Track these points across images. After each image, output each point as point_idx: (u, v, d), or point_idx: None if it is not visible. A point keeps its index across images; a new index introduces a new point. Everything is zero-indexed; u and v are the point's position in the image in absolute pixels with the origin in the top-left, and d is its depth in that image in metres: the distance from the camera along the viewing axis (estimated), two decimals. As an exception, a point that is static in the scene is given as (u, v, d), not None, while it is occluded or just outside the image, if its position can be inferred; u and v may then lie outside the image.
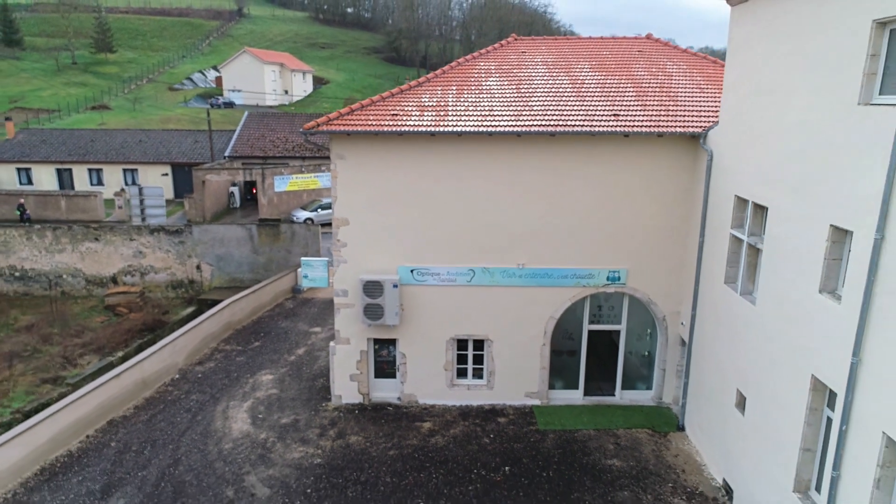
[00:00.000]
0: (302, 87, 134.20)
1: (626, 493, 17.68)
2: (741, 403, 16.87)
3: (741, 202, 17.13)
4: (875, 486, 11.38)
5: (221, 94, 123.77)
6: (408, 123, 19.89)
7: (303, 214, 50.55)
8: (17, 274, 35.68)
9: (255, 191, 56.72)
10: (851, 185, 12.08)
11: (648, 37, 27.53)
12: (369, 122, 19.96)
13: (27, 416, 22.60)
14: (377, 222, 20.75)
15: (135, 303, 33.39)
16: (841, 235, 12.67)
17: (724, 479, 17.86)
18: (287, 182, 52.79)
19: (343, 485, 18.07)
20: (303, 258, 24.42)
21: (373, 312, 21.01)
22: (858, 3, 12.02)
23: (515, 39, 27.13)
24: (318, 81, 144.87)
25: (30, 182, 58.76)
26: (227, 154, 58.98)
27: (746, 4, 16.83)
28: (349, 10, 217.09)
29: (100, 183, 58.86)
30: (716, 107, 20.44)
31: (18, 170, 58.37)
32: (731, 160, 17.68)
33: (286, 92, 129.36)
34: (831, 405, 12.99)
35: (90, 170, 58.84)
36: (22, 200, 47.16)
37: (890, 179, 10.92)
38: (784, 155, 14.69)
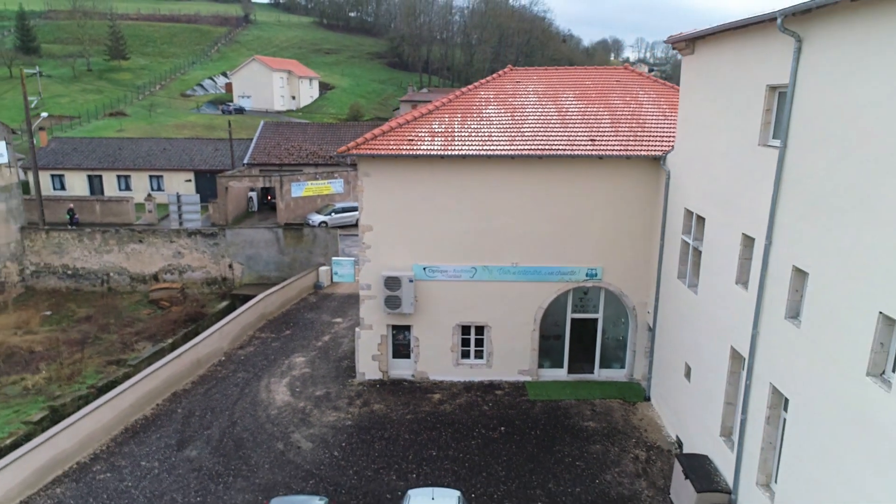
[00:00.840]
0: (309, 92, 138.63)
1: (598, 447, 22.02)
2: (688, 373, 21.20)
3: (689, 213, 21.45)
4: (766, 422, 15.71)
5: (231, 100, 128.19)
6: (421, 148, 24.23)
7: (317, 218, 54.79)
8: (69, 272, 40.06)
9: (269, 197, 60.95)
10: (754, 204, 16.40)
11: (626, 67, 31.88)
12: (390, 147, 24.30)
13: (100, 390, 26.94)
14: (396, 228, 25.08)
15: (176, 297, 37.76)
16: (749, 241, 16.98)
17: (676, 436, 22.20)
18: (303, 188, 57.05)
19: (370, 440, 22.42)
20: (333, 258, 28.80)
21: (392, 303, 25.36)
22: (758, 72, 16.36)
23: (511, 70, 31.46)
24: (324, 87, 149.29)
25: (63, 188, 63.08)
26: (245, 161, 63.31)
27: (692, 56, 21.16)
28: (352, 14, 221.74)
29: (127, 188, 63.21)
30: (675, 133, 24.76)
31: (52, 176, 62.68)
32: (683, 179, 22.02)
33: (293, 98, 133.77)
34: (743, 368, 17.29)
35: (119, 176, 63.21)
36: (71, 206, 51.47)
37: (774, 200, 15.23)
38: (715, 177, 19.04)
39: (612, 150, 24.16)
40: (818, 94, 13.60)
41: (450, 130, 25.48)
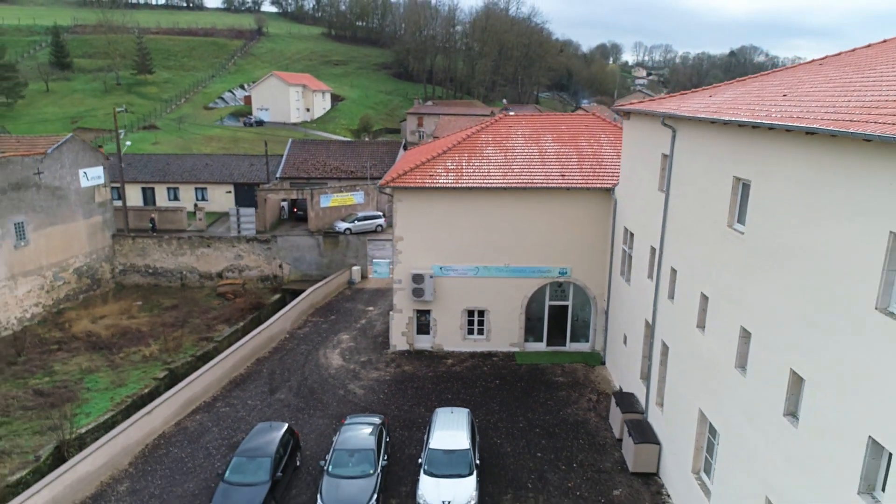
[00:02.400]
0: (321, 104, 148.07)
1: (563, 393, 31.34)
2: (625, 340, 30.51)
3: (626, 230, 30.76)
4: (660, 364, 25.03)
5: (251, 113, 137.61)
6: (438, 181, 33.56)
7: (343, 225, 64.00)
8: (150, 271, 49.43)
9: (295, 209, 69.75)
10: (655, 227, 25.69)
11: (594, 114, 41.21)
12: (416, 181, 33.60)
13: (199, 358, 36.27)
14: (420, 238, 34.37)
15: (239, 291, 47.12)
16: (653, 251, 26.28)
17: (619, 385, 31.50)
18: (330, 199, 66.32)
19: (404, 388, 31.74)
20: (374, 259, 38.25)
21: (417, 293, 34.66)
22: (656, 143, 25.66)
23: (505, 116, 40.81)
24: (336, 98, 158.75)
25: (120, 199, 72.33)
26: (278, 176, 72.63)
27: (628, 121, 30.46)
28: (359, 23, 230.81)
29: (176, 199, 72.48)
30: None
31: (112, 189, 71.88)
32: (623, 206, 31.33)
33: (308, 110, 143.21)
34: (651, 332, 26.54)
35: (168, 188, 72.49)
36: (153, 216, 60.76)
37: (663, 226, 24.52)
38: (638, 207, 28.36)
39: (577, 183, 33.50)
40: (683, 164, 22.91)
41: (459, 167, 34.81)
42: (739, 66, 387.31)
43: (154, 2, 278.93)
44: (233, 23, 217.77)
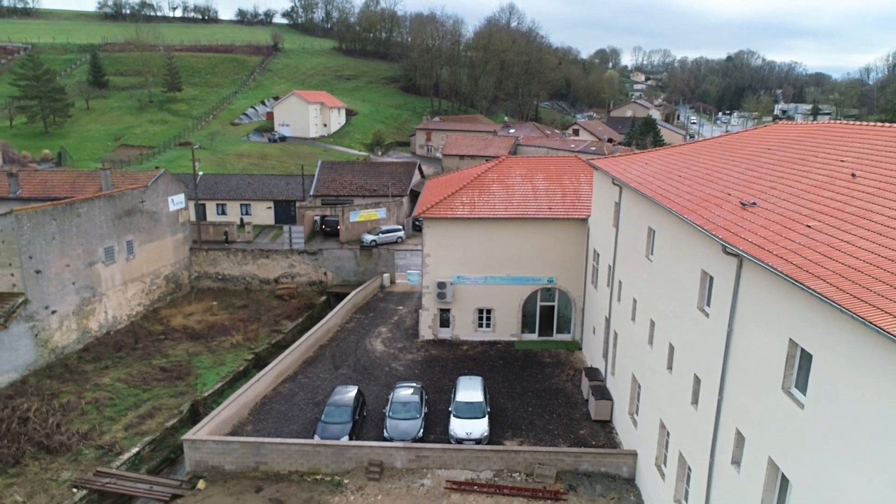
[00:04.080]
0: (337, 120, 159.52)
1: (549, 369, 42.57)
2: (594, 331, 41.74)
3: (594, 250, 41.98)
4: (613, 346, 36.27)
5: (272, 128, 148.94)
6: (457, 213, 44.76)
7: (369, 237, 75.26)
8: (220, 277, 60.74)
9: (323, 227, 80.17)
10: (610, 250, 36.88)
11: (576, 157, 52.43)
12: (440, 213, 44.78)
13: (274, 346, 47.51)
14: (443, 255, 45.57)
15: (293, 293, 58.41)
16: (610, 267, 37.47)
17: (589, 363, 42.69)
18: (357, 215, 77.65)
19: (433, 366, 43.00)
20: (408, 271, 49.49)
21: (441, 296, 45.88)
22: (609, 195, 36.93)
23: (507, 158, 52.06)
24: (349, 113, 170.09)
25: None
26: (311, 194, 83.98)
27: (595, 171, 41.63)
28: (367, 34, 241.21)
29: (223, 213, 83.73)
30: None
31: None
32: (593, 232, 42.55)
33: (325, 125, 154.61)
34: (608, 324, 37.64)
35: (217, 204, 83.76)
36: (226, 229, 71.89)
37: (615, 251, 35.72)
38: (602, 235, 39.59)
39: (560, 214, 44.72)
40: (625, 211, 34.08)
41: (473, 201, 46.02)
42: (736, 70, 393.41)
43: (171, 14, 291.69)
44: (249, 37, 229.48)
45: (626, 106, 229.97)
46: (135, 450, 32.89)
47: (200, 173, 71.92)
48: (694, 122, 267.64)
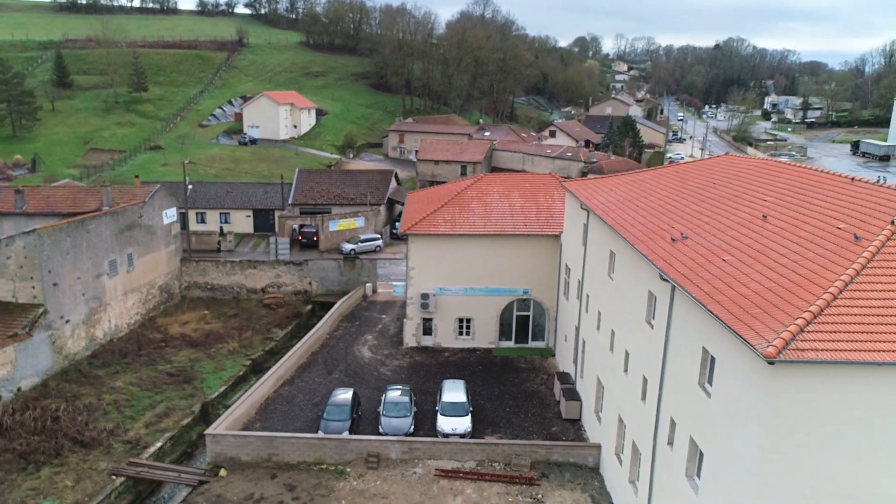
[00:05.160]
0: (308, 121, 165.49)
1: (525, 374, 49.58)
2: (566, 339, 48.81)
3: (566, 265, 49.05)
4: (582, 352, 43.36)
5: (241, 129, 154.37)
6: (439, 230, 51.54)
7: (348, 246, 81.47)
8: (209, 287, 66.95)
9: (300, 237, 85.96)
10: (579, 266, 43.96)
11: (550, 174, 59.51)
12: (424, 228, 51.53)
13: (268, 352, 53.97)
14: (427, 268, 52.30)
15: (280, 303, 64.85)
16: (580, 282, 44.53)
17: (563, 369, 49.76)
18: (336, 224, 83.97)
19: (417, 371, 49.78)
20: (393, 282, 56.35)
21: (424, 306, 52.66)
22: (579, 220, 44.01)
23: (485, 176, 59.01)
24: (319, 113, 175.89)
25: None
26: (289, 202, 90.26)
27: (568, 193, 48.73)
28: (336, 27, 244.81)
29: (203, 222, 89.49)
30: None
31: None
32: (565, 247, 49.62)
33: (295, 126, 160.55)
34: (577, 332, 44.69)
35: (197, 213, 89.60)
36: (219, 239, 77.65)
37: (583, 266, 42.82)
38: (572, 251, 46.68)
39: (535, 231, 51.75)
40: (591, 232, 41.15)
41: (453, 219, 52.87)
42: (725, 59, 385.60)
43: (129, 5, 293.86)
44: (212, 31, 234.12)
45: (605, 103, 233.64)
46: (158, 444, 39.37)
47: (190, 186, 77.75)
48: (680, 118, 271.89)
